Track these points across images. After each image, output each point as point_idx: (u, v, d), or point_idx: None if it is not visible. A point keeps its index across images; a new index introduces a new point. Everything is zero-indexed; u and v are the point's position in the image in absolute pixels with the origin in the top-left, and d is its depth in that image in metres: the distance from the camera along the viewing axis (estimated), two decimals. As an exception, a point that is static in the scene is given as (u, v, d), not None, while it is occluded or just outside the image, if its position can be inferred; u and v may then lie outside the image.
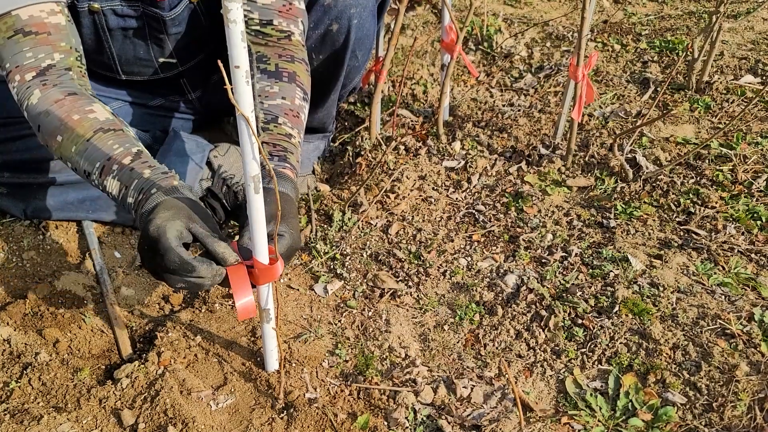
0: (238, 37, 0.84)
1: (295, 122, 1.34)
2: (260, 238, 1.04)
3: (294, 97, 1.36)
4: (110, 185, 1.18)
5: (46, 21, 1.27)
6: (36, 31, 1.26)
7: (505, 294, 1.47)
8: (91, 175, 1.21)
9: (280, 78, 1.37)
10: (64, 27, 1.30)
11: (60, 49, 1.29)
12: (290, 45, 1.42)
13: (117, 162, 1.18)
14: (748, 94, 2.12)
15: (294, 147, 1.30)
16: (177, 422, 1.16)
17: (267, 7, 1.39)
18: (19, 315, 1.42)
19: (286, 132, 1.30)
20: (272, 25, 1.40)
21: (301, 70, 1.41)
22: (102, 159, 1.19)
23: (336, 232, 1.67)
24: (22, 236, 1.66)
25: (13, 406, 1.20)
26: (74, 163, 1.23)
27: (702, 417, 1.18)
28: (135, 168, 1.18)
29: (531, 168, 1.86)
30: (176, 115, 1.87)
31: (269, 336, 1.22)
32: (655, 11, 2.86)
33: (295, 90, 1.37)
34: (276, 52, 1.40)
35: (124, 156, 1.19)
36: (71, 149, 1.22)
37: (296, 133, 1.33)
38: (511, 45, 2.58)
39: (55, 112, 1.23)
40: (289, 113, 1.33)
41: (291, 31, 1.42)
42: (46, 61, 1.28)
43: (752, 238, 1.57)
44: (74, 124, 1.22)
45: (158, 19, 1.51)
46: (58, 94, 1.26)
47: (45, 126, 1.24)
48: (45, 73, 1.27)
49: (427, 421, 1.20)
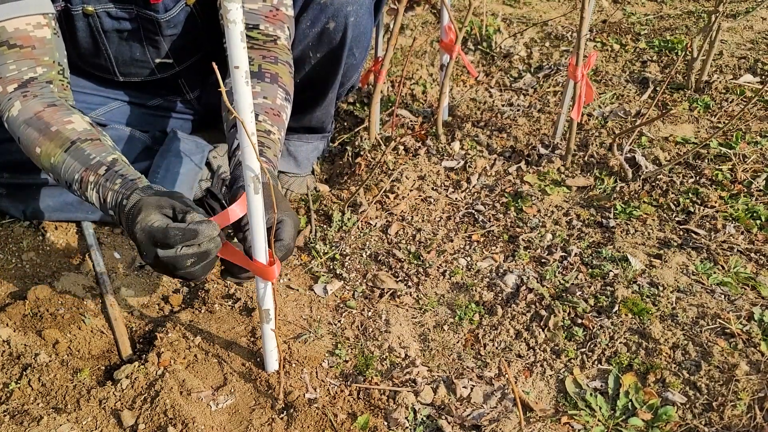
0: (238, 38, 0.84)
1: (275, 120, 1.34)
2: (260, 238, 1.04)
3: (275, 97, 1.36)
4: (92, 197, 1.21)
5: (31, 35, 1.30)
6: (21, 45, 1.29)
7: (505, 294, 1.47)
8: (72, 186, 1.24)
9: (262, 78, 1.38)
10: (50, 41, 1.33)
11: (43, 63, 1.32)
12: (275, 48, 1.42)
13: (93, 173, 1.20)
14: (748, 93, 2.12)
15: (272, 142, 1.30)
16: (177, 423, 1.16)
17: (253, 12, 1.40)
18: (18, 316, 1.42)
19: (264, 129, 1.31)
20: (258, 29, 1.40)
21: (284, 71, 1.41)
22: (80, 170, 1.21)
23: (335, 232, 1.67)
24: (22, 237, 1.66)
25: (12, 407, 1.20)
26: (55, 174, 1.26)
27: (702, 416, 1.18)
28: (109, 179, 1.19)
29: (530, 168, 1.86)
30: (175, 116, 1.87)
31: (269, 336, 1.22)
32: (654, 11, 2.86)
33: (276, 90, 1.37)
34: (260, 54, 1.41)
35: (99, 166, 1.21)
36: (50, 161, 1.24)
37: (276, 130, 1.33)
38: (510, 45, 2.59)
39: (34, 124, 1.26)
40: (269, 111, 1.33)
41: (277, 36, 1.42)
42: (29, 74, 1.30)
43: (752, 238, 1.57)
44: (52, 135, 1.25)
45: (153, 21, 1.51)
46: (38, 106, 1.28)
47: (24, 138, 1.28)
48: (27, 86, 1.30)
49: (427, 421, 1.20)
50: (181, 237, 1.05)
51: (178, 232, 1.04)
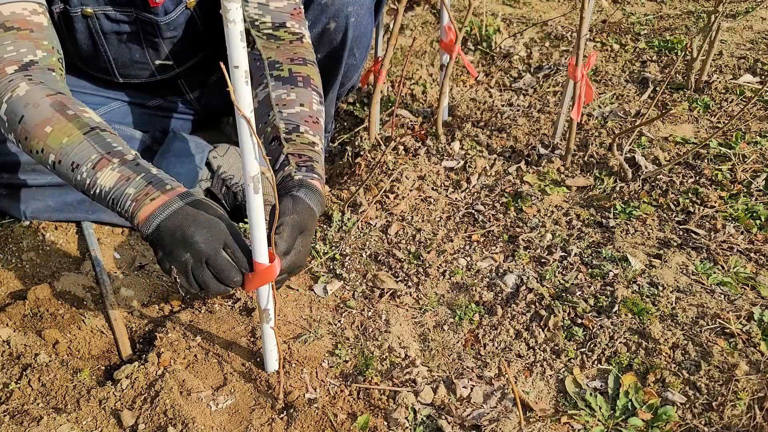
0: (237, 38, 0.84)
1: (315, 129, 1.31)
2: (259, 238, 1.04)
3: (311, 102, 1.34)
4: (105, 177, 1.14)
5: (28, 19, 1.25)
6: (18, 27, 1.24)
7: (505, 294, 1.47)
8: (80, 167, 1.16)
9: (295, 83, 1.35)
10: (47, 27, 1.29)
11: (42, 47, 1.27)
12: (301, 47, 1.40)
13: (119, 157, 1.16)
14: (747, 93, 2.12)
15: (318, 155, 1.28)
16: (177, 423, 1.16)
17: (280, 11, 1.38)
18: (18, 316, 1.42)
19: (309, 141, 1.28)
20: (285, 28, 1.39)
21: (314, 72, 1.39)
22: (100, 153, 1.16)
23: (335, 232, 1.67)
24: (22, 237, 1.66)
25: (12, 407, 1.20)
26: (58, 153, 1.18)
27: (702, 416, 1.18)
28: (141, 164, 1.17)
29: (530, 168, 1.86)
30: (175, 116, 1.87)
31: (269, 336, 1.22)
32: (654, 11, 2.86)
33: (311, 95, 1.35)
34: (287, 57, 1.38)
35: (126, 153, 1.18)
36: (62, 140, 1.18)
37: (318, 140, 1.30)
38: (510, 45, 2.59)
39: (46, 104, 1.20)
40: (308, 120, 1.31)
41: (302, 33, 1.41)
42: (29, 56, 1.25)
43: (751, 238, 1.57)
44: (69, 118, 1.19)
45: (152, 23, 1.50)
46: (49, 90, 1.23)
47: (31, 116, 1.20)
48: (28, 68, 1.25)
49: (426, 421, 1.20)
50: (226, 274, 1.08)
51: (243, 244, 1.08)
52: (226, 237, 1.09)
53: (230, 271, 1.09)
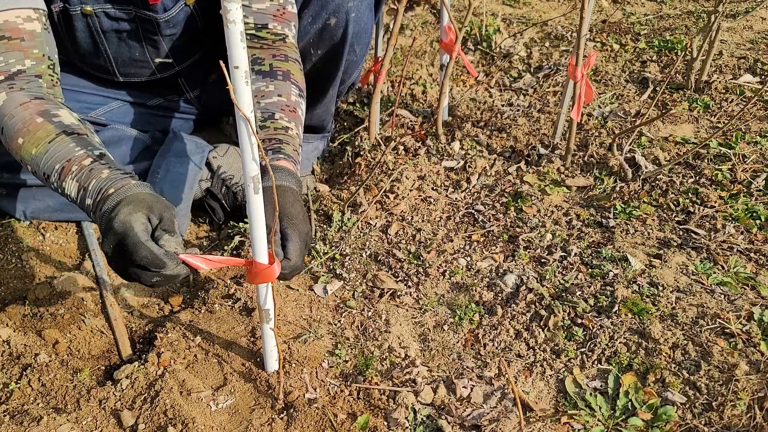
0: (237, 38, 0.84)
1: (291, 116, 1.34)
2: (260, 238, 1.04)
3: (290, 93, 1.37)
4: (69, 187, 1.15)
5: (20, 27, 1.26)
6: (9, 36, 1.25)
7: (505, 294, 1.47)
8: (50, 177, 1.18)
9: (274, 77, 1.38)
10: (39, 34, 1.29)
11: (32, 56, 1.28)
12: (284, 46, 1.43)
13: (77, 163, 1.16)
14: (747, 93, 2.12)
15: (291, 138, 1.29)
16: (177, 423, 1.16)
17: (262, 12, 1.40)
18: (18, 316, 1.42)
19: (282, 126, 1.30)
20: (267, 29, 1.41)
21: (295, 68, 1.42)
22: (62, 161, 1.16)
23: (335, 232, 1.67)
24: (22, 237, 1.66)
25: (12, 407, 1.20)
26: (34, 165, 1.20)
27: (702, 416, 1.18)
28: (94, 168, 1.15)
29: (530, 168, 1.86)
30: (176, 115, 1.87)
31: (268, 336, 1.22)
32: (654, 11, 2.86)
33: (290, 87, 1.38)
34: (270, 53, 1.41)
35: (84, 158, 1.17)
36: (32, 151, 1.19)
37: (294, 126, 1.32)
38: (510, 45, 2.59)
39: (19, 114, 1.21)
40: (285, 108, 1.33)
41: (285, 34, 1.43)
42: (16, 66, 1.26)
43: (751, 237, 1.57)
44: (36, 126, 1.20)
45: (152, 21, 1.51)
46: (24, 98, 1.24)
47: (8, 128, 1.22)
48: (14, 78, 1.26)
49: (426, 421, 1.20)
50: (148, 262, 1.04)
51: (147, 256, 1.03)
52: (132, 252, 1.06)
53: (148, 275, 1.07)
